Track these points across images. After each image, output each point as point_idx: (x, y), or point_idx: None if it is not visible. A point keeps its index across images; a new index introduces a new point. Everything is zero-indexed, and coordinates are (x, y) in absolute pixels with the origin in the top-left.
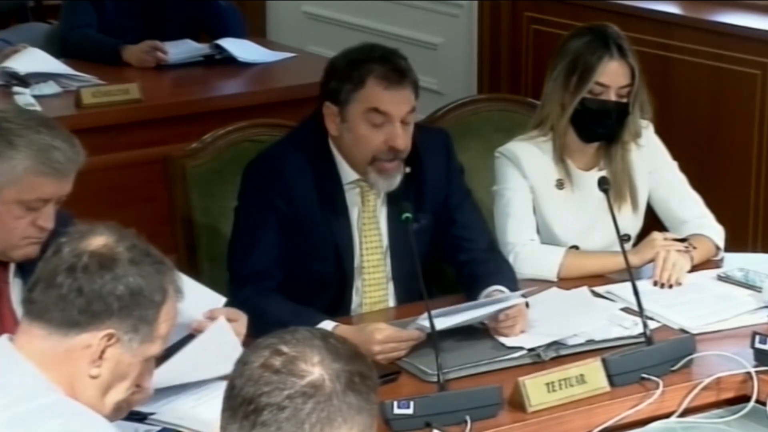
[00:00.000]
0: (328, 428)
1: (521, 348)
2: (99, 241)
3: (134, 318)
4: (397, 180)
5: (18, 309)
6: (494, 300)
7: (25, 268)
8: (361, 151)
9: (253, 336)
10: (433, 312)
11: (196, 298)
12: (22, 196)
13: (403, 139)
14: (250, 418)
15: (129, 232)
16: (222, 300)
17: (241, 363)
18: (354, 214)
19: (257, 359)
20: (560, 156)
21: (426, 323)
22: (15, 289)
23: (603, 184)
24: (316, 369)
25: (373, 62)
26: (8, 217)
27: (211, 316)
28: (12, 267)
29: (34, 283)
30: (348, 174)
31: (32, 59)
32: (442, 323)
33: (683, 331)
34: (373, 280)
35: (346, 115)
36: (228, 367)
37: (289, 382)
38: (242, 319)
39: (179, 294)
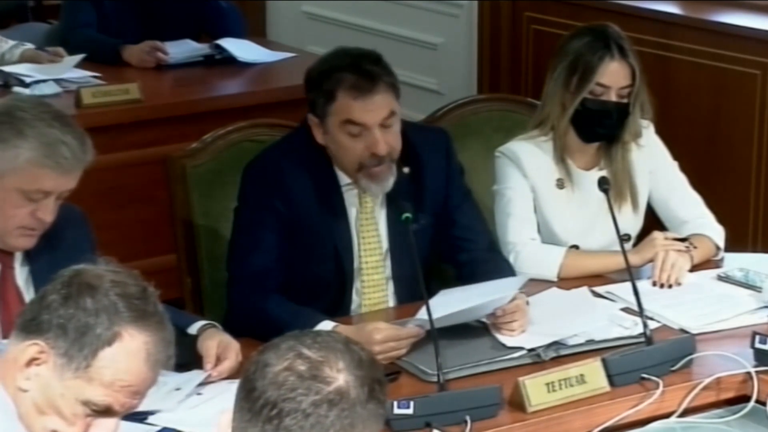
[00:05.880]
0: None
1: (521, 348)
2: (96, 270)
3: (68, 341)
4: (390, 182)
5: (26, 293)
6: (491, 292)
7: (33, 256)
8: (346, 160)
9: (252, 337)
10: (431, 301)
11: None
12: (22, 186)
13: (384, 144)
14: (273, 422)
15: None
16: None
17: (262, 364)
18: (352, 215)
19: (280, 362)
20: (561, 156)
21: (425, 317)
22: (21, 276)
23: (603, 183)
24: (341, 375)
25: (342, 71)
26: (7, 205)
27: (221, 356)
28: (19, 254)
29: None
30: (345, 176)
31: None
32: (440, 312)
33: (683, 331)
34: (373, 282)
35: (327, 128)
36: None
37: (314, 388)
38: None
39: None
